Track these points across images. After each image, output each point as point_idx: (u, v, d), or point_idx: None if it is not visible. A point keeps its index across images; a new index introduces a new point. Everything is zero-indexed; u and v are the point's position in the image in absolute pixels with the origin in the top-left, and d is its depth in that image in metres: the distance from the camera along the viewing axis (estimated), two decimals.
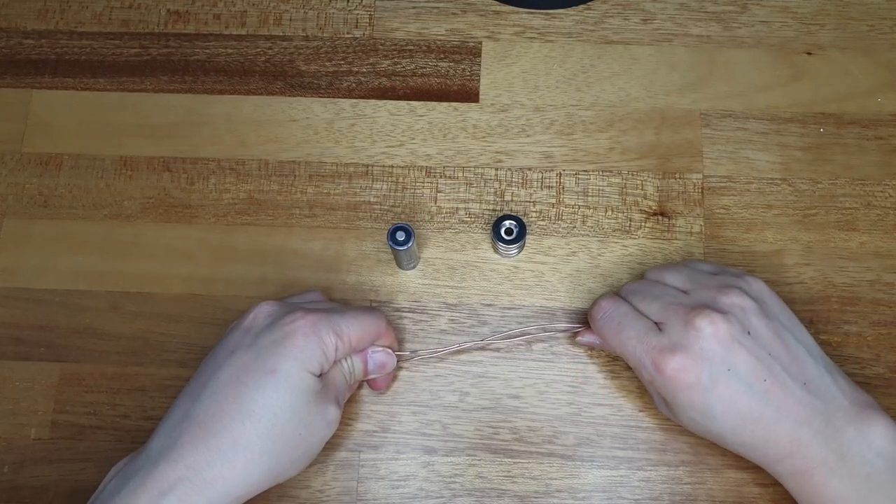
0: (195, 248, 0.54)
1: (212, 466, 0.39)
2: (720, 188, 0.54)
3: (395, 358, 0.48)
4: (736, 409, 0.42)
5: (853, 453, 0.41)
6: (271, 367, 0.41)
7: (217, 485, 0.39)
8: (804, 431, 0.42)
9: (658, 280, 0.47)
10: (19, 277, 0.53)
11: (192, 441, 0.40)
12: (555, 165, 0.55)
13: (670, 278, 0.47)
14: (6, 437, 0.50)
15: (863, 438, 0.41)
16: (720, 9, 0.58)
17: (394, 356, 0.48)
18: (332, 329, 0.43)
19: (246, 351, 0.43)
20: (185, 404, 0.42)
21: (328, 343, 0.43)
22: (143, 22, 0.59)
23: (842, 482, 0.41)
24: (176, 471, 0.39)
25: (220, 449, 0.40)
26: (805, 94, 0.56)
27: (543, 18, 0.58)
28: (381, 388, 0.49)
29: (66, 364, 0.51)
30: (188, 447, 0.40)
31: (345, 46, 0.58)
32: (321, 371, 0.43)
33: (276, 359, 0.42)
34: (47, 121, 0.57)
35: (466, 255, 0.53)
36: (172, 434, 0.41)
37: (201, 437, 0.40)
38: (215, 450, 0.40)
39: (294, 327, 0.43)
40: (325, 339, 0.43)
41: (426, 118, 0.56)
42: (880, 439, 0.41)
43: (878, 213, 0.53)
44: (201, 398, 0.41)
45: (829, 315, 0.51)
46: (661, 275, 0.47)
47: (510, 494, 0.49)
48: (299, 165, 0.55)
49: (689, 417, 0.44)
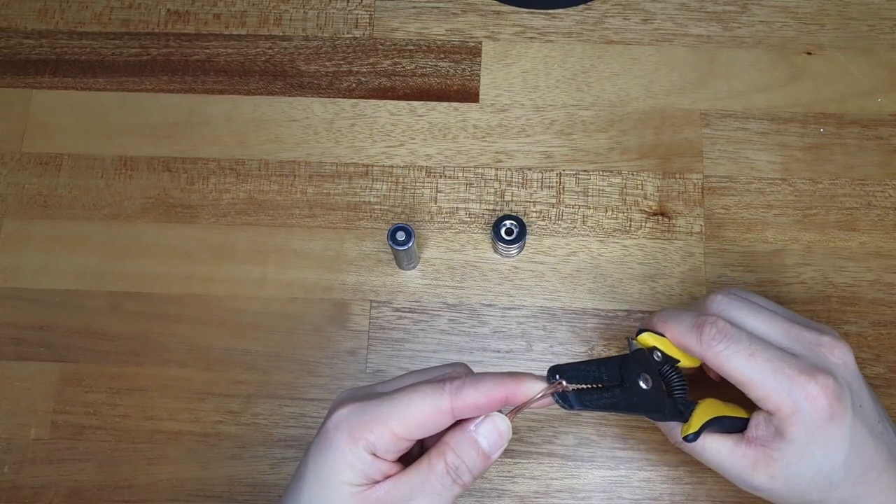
0: (195, 248, 0.54)
1: None
2: (720, 188, 0.54)
3: (507, 425, 0.37)
4: (861, 457, 0.39)
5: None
6: (299, 475, 0.37)
7: None
8: None
9: (747, 301, 0.42)
10: (19, 277, 0.53)
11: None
12: (555, 165, 0.55)
13: (756, 300, 0.43)
14: (6, 437, 0.50)
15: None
16: (720, 9, 0.58)
17: (504, 424, 0.37)
18: (370, 422, 0.35)
19: None
20: None
21: (370, 441, 0.35)
22: (143, 22, 0.59)
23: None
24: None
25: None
26: (805, 94, 0.56)
27: (543, 18, 0.58)
28: None
29: (66, 364, 0.51)
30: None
31: (345, 46, 0.58)
32: (365, 480, 0.35)
33: (303, 467, 0.36)
34: (47, 121, 0.57)
35: (466, 255, 0.53)
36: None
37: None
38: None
39: (326, 426, 0.36)
40: (366, 438, 0.35)
41: (426, 118, 0.56)
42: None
43: (879, 213, 0.53)
44: None
45: (829, 315, 0.51)
46: (742, 295, 0.42)
47: (510, 494, 0.49)
48: (299, 165, 0.55)
49: (804, 469, 0.39)
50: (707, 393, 0.42)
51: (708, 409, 0.41)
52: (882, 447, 0.39)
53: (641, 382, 0.40)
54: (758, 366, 0.38)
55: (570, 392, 0.37)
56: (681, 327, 0.41)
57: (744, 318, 0.41)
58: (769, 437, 0.39)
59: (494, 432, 0.36)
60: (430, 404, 0.35)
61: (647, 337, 0.42)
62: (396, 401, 0.35)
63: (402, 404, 0.35)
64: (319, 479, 0.35)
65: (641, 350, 0.41)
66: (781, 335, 0.40)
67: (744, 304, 0.42)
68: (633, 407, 0.39)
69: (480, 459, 0.36)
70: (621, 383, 0.39)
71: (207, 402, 0.51)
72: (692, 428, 0.40)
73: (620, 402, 0.39)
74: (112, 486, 0.49)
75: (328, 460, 0.35)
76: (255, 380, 0.51)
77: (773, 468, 0.39)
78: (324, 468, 0.35)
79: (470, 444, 0.36)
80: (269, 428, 0.50)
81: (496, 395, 0.35)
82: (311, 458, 0.36)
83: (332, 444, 0.35)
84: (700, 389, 0.43)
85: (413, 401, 0.35)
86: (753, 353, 0.39)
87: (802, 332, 0.40)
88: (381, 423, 0.35)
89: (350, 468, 0.35)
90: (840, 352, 0.40)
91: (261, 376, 0.51)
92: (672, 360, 0.42)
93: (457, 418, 0.36)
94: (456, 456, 0.35)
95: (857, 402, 0.39)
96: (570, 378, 0.38)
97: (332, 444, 0.35)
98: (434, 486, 0.35)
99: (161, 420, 0.50)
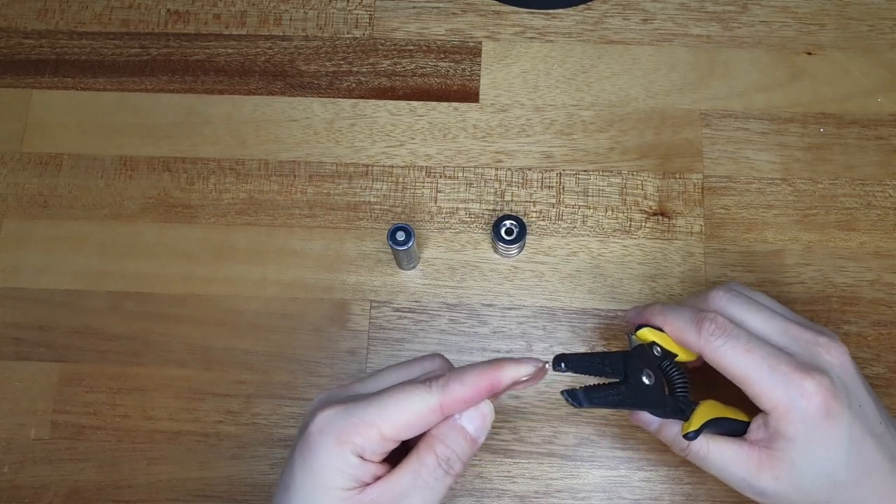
0: (195, 248, 0.54)
1: None
2: (720, 188, 0.54)
3: (490, 407, 0.37)
4: (863, 457, 0.38)
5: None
6: (286, 484, 0.36)
7: None
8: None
9: (748, 299, 0.42)
10: (19, 277, 0.53)
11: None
12: (555, 165, 0.55)
13: (756, 297, 0.43)
14: (6, 437, 0.50)
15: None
16: (720, 9, 0.58)
17: (486, 407, 0.37)
18: (358, 424, 0.35)
19: (290, 452, 0.37)
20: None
21: (358, 444, 0.34)
22: (143, 22, 0.59)
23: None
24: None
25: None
26: (805, 94, 0.56)
27: (543, 18, 0.58)
28: None
29: (66, 364, 0.51)
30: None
31: (345, 46, 0.58)
32: (356, 483, 0.35)
33: (289, 475, 0.35)
34: (47, 121, 0.57)
35: (466, 255, 0.53)
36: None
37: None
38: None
39: (309, 431, 0.35)
40: (353, 441, 0.35)
41: (426, 118, 0.56)
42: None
43: (879, 213, 0.53)
44: None
45: (829, 315, 0.51)
46: (743, 291, 0.43)
47: (510, 494, 0.49)
48: (299, 165, 0.55)
49: (807, 469, 0.38)
50: (709, 395, 0.42)
51: (709, 409, 0.41)
52: (885, 449, 0.39)
53: (644, 378, 0.40)
54: (754, 362, 0.39)
55: (579, 390, 0.38)
56: (680, 322, 0.41)
57: (743, 315, 0.41)
58: (770, 438, 0.39)
59: (479, 416, 0.36)
60: (419, 405, 0.35)
61: (646, 332, 0.42)
62: (384, 402, 0.35)
63: (391, 406, 0.35)
64: (308, 486, 0.35)
65: (642, 346, 0.42)
66: (779, 333, 0.41)
67: (744, 301, 0.42)
68: (638, 403, 0.40)
69: (469, 446, 0.36)
70: (625, 379, 0.40)
71: (207, 402, 0.51)
72: (692, 426, 0.40)
73: (626, 399, 0.40)
74: (112, 486, 0.49)
75: (315, 466, 0.34)
76: (255, 380, 0.51)
77: (778, 469, 0.39)
78: (312, 475, 0.35)
79: (457, 432, 0.36)
80: (269, 428, 0.50)
81: (482, 386, 0.35)
82: (296, 464, 0.35)
83: (317, 448, 0.34)
84: (702, 392, 0.43)
85: (401, 402, 0.35)
86: (750, 350, 0.39)
87: (801, 332, 0.40)
88: (368, 424, 0.34)
89: (339, 473, 0.34)
90: (837, 352, 0.40)
91: (261, 376, 0.51)
92: (671, 355, 0.42)
93: (445, 415, 0.35)
94: (445, 447, 0.35)
95: (856, 402, 0.39)
96: (574, 367, 0.39)
97: (318, 448, 0.34)
98: (427, 480, 0.35)
99: (161, 420, 0.50)
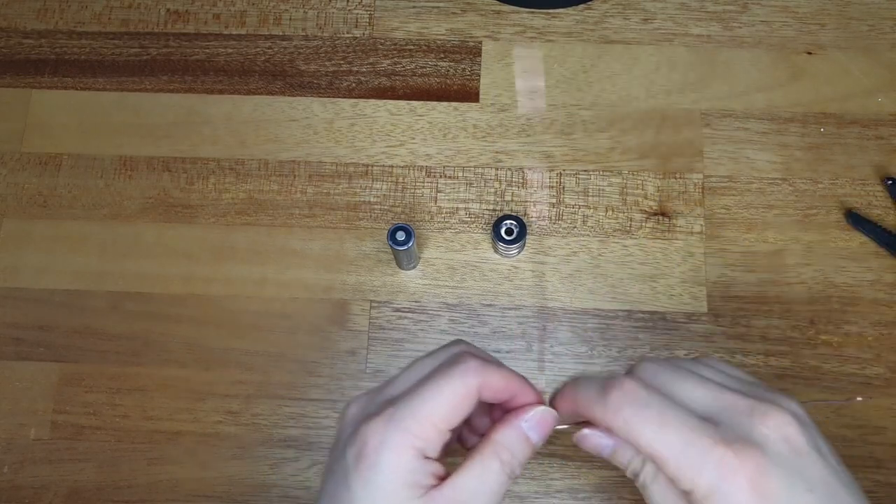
0: (195, 248, 0.54)
1: None
2: (721, 188, 0.54)
3: (553, 413, 0.36)
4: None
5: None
6: (347, 501, 0.33)
7: None
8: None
9: (679, 367, 0.35)
10: (19, 277, 0.53)
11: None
12: (555, 165, 0.55)
13: (695, 368, 0.35)
14: (6, 437, 0.50)
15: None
16: (720, 8, 0.58)
17: (550, 413, 0.36)
18: (412, 425, 0.33)
19: (331, 476, 0.35)
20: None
21: (419, 445, 0.33)
22: (142, 22, 0.59)
23: None
24: None
25: None
26: (805, 94, 0.56)
27: (543, 18, 0.58)
28: None
29: (66, 364, 0.51)
30: None
31: (345, 46, 0.58)
32: (421, 490, 0.33)
33: (347, 498, 0.33)
34: (47, 121, 0.57)
35: (466, 255, 0.53)
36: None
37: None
38: None
39: (363, 442, 0.33)
40: (414, 444, 0.33)
41: (426, 118, 0.56)
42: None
43: (879, 214, 0.53)
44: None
45: (829, 315, 0.51)
46: (679, 363, 0.36)
47: (510, 494, 0.49)
48: (299, 165, 0.55)
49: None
50: None
51: None
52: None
53: None
54: (667, 435, 0.31)
55: None
56: (588, 393, 0.35)
57: (668, 384, 0.34)
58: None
59: (543, 425, 0.36)
60: (460, 386, 0.34)
61: None
62: (426, 394, 0.33)
63: (435, 395, 0.33)
64: None
65: None
66: (709, 402, 0.33)
67: (674, 368, 0.35)
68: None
69: (530, 453, 0.35)
70: None
71: (207, 402, 0.51)
72: None
73: None
74: (112, 487, 0.49)
75: (381, 482, 0.33)
76: (255, 380, 0.51)
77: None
78: (377, 490, 0.33)
79: (523, 440, 0.35)
80: (269, 428, 0.50)
81: (513, 375, 0.35)
82: (355, 485, 0.33)
83: (381, 466, 0.32)
84: None
85: (443, 387, 0.33)
86: (664, 422, 0.32)
87: (735, 399, 0.33)
88: (422, 420, 0.33)
89: (407, 486, 0.33)
90: (776, 421, 0.31)
91: (261, 376, 0.51)
92: None
93: (480, 399, 0.35)
94: (510, 454, 0.35)
95: (802, 484, 0.31)
96: None
97: (382, 465, 0.32)
98: (492, 485, 0.34)
99: (161, 420, 0.50)
